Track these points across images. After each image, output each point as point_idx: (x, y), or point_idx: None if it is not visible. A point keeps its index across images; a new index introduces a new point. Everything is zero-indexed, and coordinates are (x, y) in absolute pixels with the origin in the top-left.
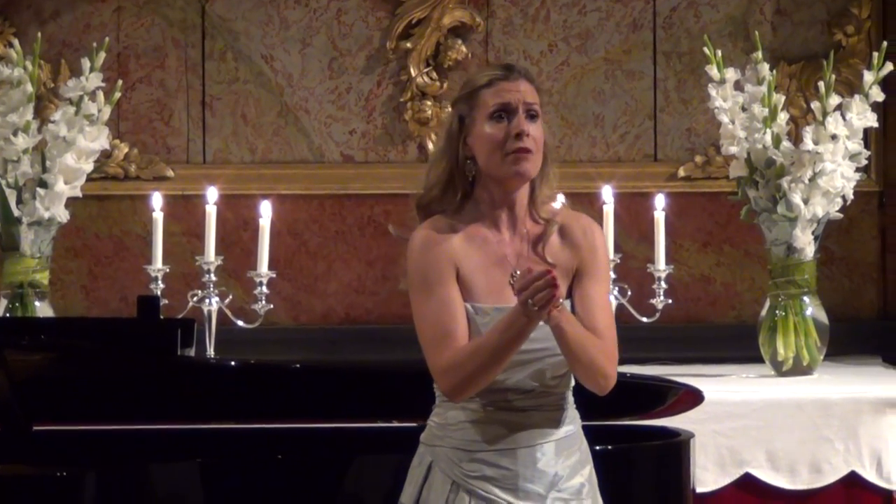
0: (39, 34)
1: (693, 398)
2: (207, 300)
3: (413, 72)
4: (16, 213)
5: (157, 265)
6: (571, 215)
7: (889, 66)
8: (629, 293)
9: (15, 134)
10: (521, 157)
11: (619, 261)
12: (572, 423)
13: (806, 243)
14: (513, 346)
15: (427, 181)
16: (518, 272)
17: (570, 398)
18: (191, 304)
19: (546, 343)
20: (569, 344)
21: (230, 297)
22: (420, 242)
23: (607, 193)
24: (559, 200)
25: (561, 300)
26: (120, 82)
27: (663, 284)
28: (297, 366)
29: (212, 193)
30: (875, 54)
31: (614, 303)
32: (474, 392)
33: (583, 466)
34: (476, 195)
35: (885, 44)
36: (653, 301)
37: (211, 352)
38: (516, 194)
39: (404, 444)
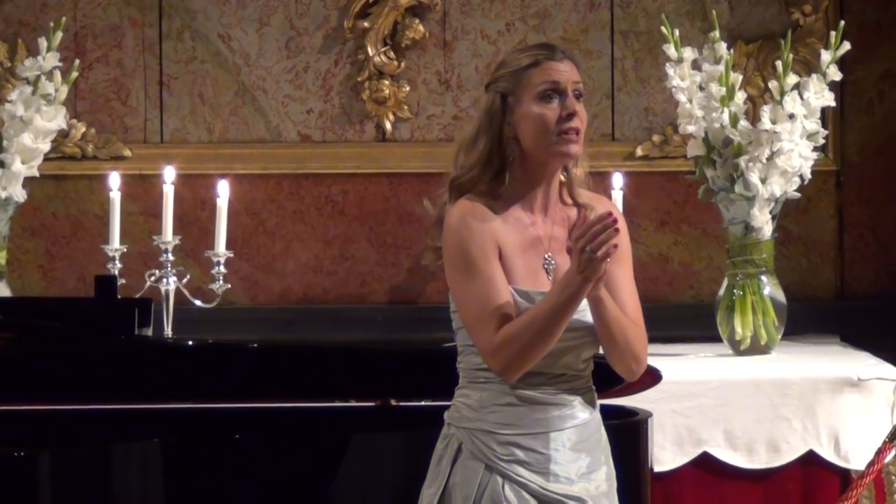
0: None
1: (651, 377)
2: (165, 280)
3: (370, 51)
4: None
5: (115, 245)
6: (594, 198)
7: (846, 46)
8: None
9: None
10: (571, 138)
11: None
12: (595, 407)
13: (763, 222)
14: (568, 310)
15: (463, 161)
16: (549, 254)
17: (592, 382)
18: (148, 283)
19: (578, 329)
20: (608, 322)
21: (188, 276)
22: (460, 220)
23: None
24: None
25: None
26: (77, 62)
27: None
28: (255, 345)
29: (169, 173)
30: (832, 33)
31: None
32: (528, 368)
33: (604, 450)
34: (512, 175)
35: (842, 23)
36: None
37: (168, 331)
38: (553, 176)
39: (364, 423)
